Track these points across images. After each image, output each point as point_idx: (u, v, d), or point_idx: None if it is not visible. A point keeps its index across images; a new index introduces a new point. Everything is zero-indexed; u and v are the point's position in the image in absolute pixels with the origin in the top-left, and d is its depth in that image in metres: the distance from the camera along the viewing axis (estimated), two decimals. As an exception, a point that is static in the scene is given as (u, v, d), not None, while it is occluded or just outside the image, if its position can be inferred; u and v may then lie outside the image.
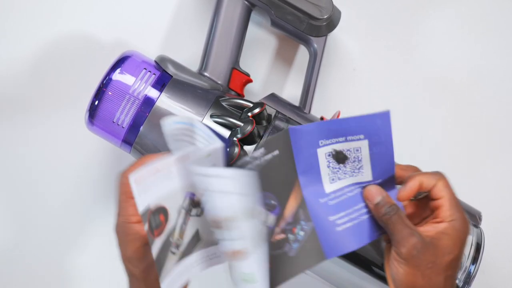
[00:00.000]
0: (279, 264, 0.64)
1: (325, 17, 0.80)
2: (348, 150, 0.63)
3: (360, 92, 0.90)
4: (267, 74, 0.90)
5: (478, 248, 0.77)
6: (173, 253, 0.63)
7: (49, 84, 0.91)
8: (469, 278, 0.75)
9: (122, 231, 0.64)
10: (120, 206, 0.64)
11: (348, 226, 0.63)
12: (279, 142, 0.63)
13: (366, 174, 0.64)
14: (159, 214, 0.62)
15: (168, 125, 0.63)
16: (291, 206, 0.64)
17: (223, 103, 0.78)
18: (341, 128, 0.63)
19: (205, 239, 0.66)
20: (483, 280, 0.90)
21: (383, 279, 0.78)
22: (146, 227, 0.61)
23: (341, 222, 0.63)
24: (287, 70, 0.91)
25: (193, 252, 0.66)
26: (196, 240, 0.66)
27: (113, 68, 0.77)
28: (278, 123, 0.78)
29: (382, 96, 0.90)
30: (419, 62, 0.90)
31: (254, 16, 0.85)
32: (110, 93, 0.76)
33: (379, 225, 0.63)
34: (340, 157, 0.64)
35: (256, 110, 0.77)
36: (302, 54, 0.90)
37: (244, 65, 0.86)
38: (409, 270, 0.61)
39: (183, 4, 0.89)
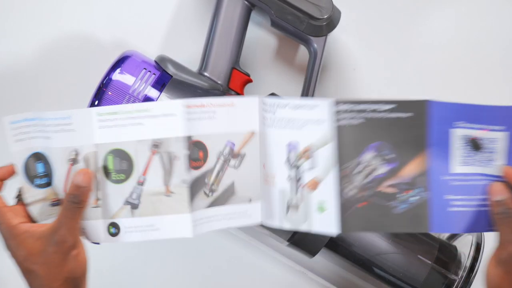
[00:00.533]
0: (376, 213, 0.66)
1: (325, 17, 0.80)
2: (484, 139, 0.65)
3: (360, 92, 0.90)
4: (267, 74, 0.90)
5: (478, 248, 0.77)
6: (207, 195, 0.69)
7: (49, 84, 0.91)
8: (469, 278, 0.75)
9: (9, 235, 0.66)
10: None
11: (462, 211, 0.65)
12: (415, 106, 0.65)
13: (497, 168, 0.65)
14: (198, 150, 0.67)
15: (6, 127, 0.66)
16: (412, 169, 0.65)
17: (223, 103, 0.78)
18: (481, 114, 0.64)
19: (239, 194, 0.69)
20: (483, 280, 0.90)
21: (383, 279, 0.78)
22: (186, 151, 0.66)
23: (457, 204, 0.65)
24: (287, 70, 0.91)
25: (226, 204, 0.69)
26: (231, 193, 0.69)
27: (113, 68, 0.77)
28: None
29: (382, 96, 0.90)
30: (419, 62, 0.90)
31: (254, 16, 0.85)
32: (110, 93, 0.76)
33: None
34: (474, 144, 0.65)
35: (256, 110, 0.77)
36: (302, 54, 0.90)
37: (244, 65, 0.85)
38: (501, 273, 0.63)
39: (183, 4, 0.89)
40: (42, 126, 0.67)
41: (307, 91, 0.82)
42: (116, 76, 0.77)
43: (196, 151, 0.67)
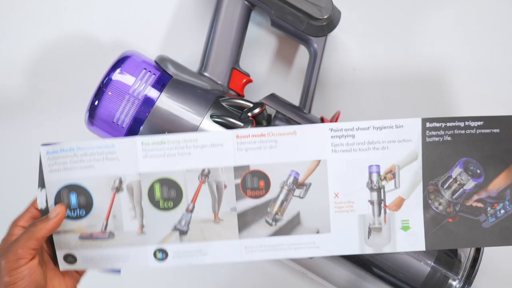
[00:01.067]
0: (465, 228, 0.69)
1: (325, 17, 0.80)
2: None
3: (360, 92, 0.90)
4: (267, 74, 0.90)
5: (478, 248, 0.77)
6: (269, 224, 0.70)
7: (49, 84, 0.91)
8: (469, 278, 0.75)
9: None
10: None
11: None
12: (503, 122, 0.68)
13: None
14: (258, 179, 0.68)
15: (43, 156, 0.67)
16: (500, 183, 0.68)
17: (223, 103, 0.78)
18: None
19: (306, 224, 0.70)
20: (483, 280, 0.90)
21: (383, 279, 0.78)
22: (236, 181, 0.68)
23: None
24: (287, 70, 0.91)
25: (291, 234, 0.70)
26: (297, 223, 0.70)
27: (113, 68, 0.77)
28: (278, 123, 0.78)
29: (382, 96, 0.90)
30: (419, 62, 0.90)
31: (254, 16, 0.85)
32: (110, 93, 0.76)
33: None
34: None
35: (256, 110, 0.77)
36: (302, 54, 0.90)
37: (244, 65, 0.85)
38: None
39: (183, 4, 0.89)
40: (82, 155, 0.68)
41: (307, 91, 0.82)
42: (116, 76, 0.77)
43: (256, 180, 0.69)
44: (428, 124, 0.68)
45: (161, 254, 0.70)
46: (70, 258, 0.70)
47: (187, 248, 0.70)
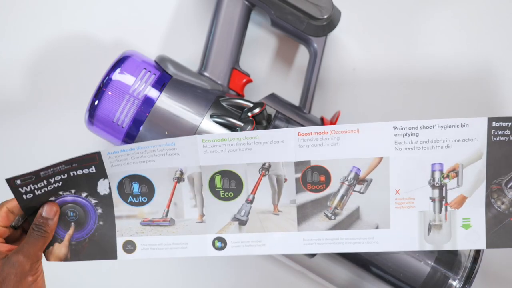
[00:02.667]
0: None
1: (325, 17, 0.80)
2: None
3: (360, 92, 0.90)
4: (267, 74, 0.90)
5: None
6: (328, 217, 0.71)
7: (49, 84, 0.91)
8: (469, 278, 0.75)
9: None
10: None
11: None
12: None
13: None
14: (319, 174, 0.69)
15: (104, 156, 0.68)
16: None
17: (223, 103, 0.78)
18: None
19: (365, 219, 0.71)
20: (483, 280, 0.90)
21: (383, 279, 0.78)
22: (296, 175, 0.70)
23: None
24: (287, 70, 0.91)
25: (350, 228, 0.71)
26: (356, 218, 0.71)
27: (113, 68, 0.77)
28: (278, 123, 0.78)
29: (382, 96, 0.90)
30: (419, 62, 0.90)
31: (254, 16, 0.85)
32: (110, 93, 0.76)
33: None
34: None
35: (256, 110, 0.77)
36: (302, 54, 0.90)
37: (244, 65, 0.85)
38: None
39: (183, 4, 0.89)
40: (143, 153, 0.69)
41: (307, 91, 0.82)
42: (116, 76, 0.77)
43: (317, 175, 0.70)
44: (494, 124, 0.68)
45: (220, 243, 0.72)
46: (129, 246, 0.72)
47: (246, 238, 0.71)
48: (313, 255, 0.78)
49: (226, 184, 0.71)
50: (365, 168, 0.70)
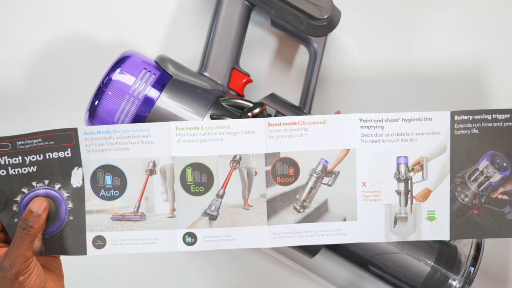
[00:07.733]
0: (490, 219, 0.70)
1: (325, 17, 0.80)
2: None
3: (360, 92, 0.90)
4: (267, 74, 0.90)
5: (478, 248, 0.77)
6: (297, 210, 0.71)
7: (49, 84, 0.91)
8: (469, 278, 0.75)
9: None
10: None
11: None
12: None
13: None
14: (288, 166, 0.70)
15: (80, 137, 0.69)
16: None
17: (223, 103, 0.78)
18: None
19: (333, 212, 0.71)
20: (483, 280, 0.90)
21: (383, 279, 0.78)
22: (266, 167, 0.70)
23: None
24: (287, 70, 0.91)
25: (318, 221, 0.72)
26: (324, 210, 0.71)
27: (113, 68, 0.77)
28: (278, 123, 0.78)
29: (382, 96, 0.90)
30: (419, 62, 0.90)
31: (254, 16, 0.85)
32: (110, 93, 0.76)
33: None
34: None
35: (256, 110, 0.77)
36: (302, 54, 0.90)
37: (244, 65, 0.85)
38: None
39: (183, 4, 0.89)
40: (118, 138, 0.70)
41: (307, 91, 0.82)
42: (116, 76, 0.77)
43: (286, 167, 0.70)
44: (456, 117, 0.69)
45: (190, 238, 0.72)
46: (99, 242, 0.72)
47: (216, 233, 0.72)
48: (313, 255, 0.78)
49: (197, 178, 0.71)
50: (333, 160, 0.70)
